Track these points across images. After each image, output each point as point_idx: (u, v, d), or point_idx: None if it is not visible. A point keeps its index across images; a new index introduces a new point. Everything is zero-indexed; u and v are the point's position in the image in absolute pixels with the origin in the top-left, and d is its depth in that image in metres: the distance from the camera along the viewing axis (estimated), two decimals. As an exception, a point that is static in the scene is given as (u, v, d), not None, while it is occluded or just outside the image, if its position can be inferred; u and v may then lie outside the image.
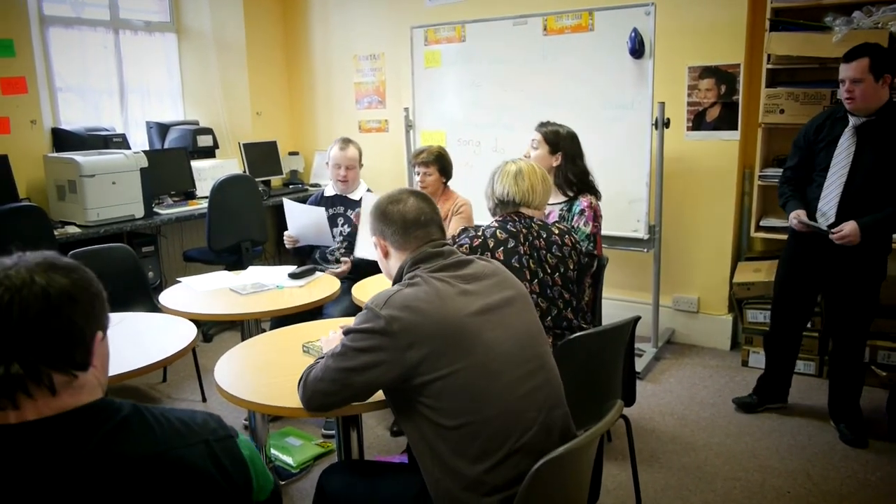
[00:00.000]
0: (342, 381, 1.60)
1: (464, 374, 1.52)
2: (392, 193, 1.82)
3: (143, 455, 0.99)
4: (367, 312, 1.59)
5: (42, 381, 0.96)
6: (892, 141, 2.82)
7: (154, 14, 5.31)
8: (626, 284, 4.35)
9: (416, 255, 1.70)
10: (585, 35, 3.93)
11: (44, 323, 0.96)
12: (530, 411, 1.57)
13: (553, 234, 2.46)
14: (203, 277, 3.15)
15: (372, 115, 5.41)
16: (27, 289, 0.96)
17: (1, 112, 4.14)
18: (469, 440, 1.52)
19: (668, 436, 3.15)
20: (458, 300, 1.59)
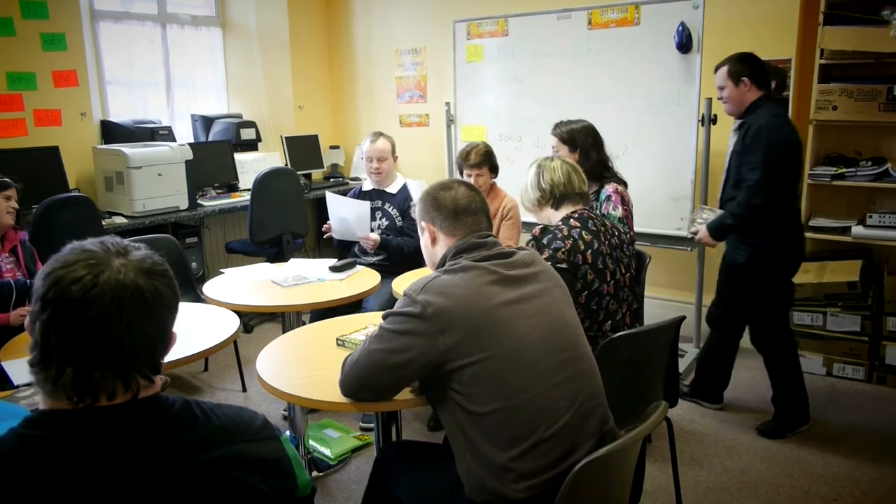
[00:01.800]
0: (377, 363, 1.63)
1: (494, 362, 1.53)
2: (442, 181, 1.85)
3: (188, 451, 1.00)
4: (404, 298, 1.62)
5: (130, 386, 0.99)
6: (743, 140, 2.94)
7: (200, 8, 5.40)
8: (668, 283, 4.28)
9: (461, 244, 1.71)
10: (631, 29, 3.87)
11: (144, 330, 0.99)
12: (562, 401, 1.57)
13: (621, 233, 2.43)
14: (245, 269, 3.19)
15: (413, 109, 5.41)
16: (136, 293, 0.97)
17: (53, 105, 4.25)
18: (499, 427, 1.53)
19: (709, 438, 3.09)
20: (493, 288, 1.60)
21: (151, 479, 0.96)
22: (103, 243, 1.02)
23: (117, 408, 0.98)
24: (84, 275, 0.95)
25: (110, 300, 0.94)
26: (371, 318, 2.44)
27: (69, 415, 0.96)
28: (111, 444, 0.95)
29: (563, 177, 2.40)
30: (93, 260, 0.97)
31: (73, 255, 0.98)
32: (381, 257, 3.54)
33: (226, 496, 1.01)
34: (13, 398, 1.82)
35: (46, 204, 3.48)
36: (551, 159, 2.49)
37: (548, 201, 2.44)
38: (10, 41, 4.02)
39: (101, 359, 0.95)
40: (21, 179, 3.85)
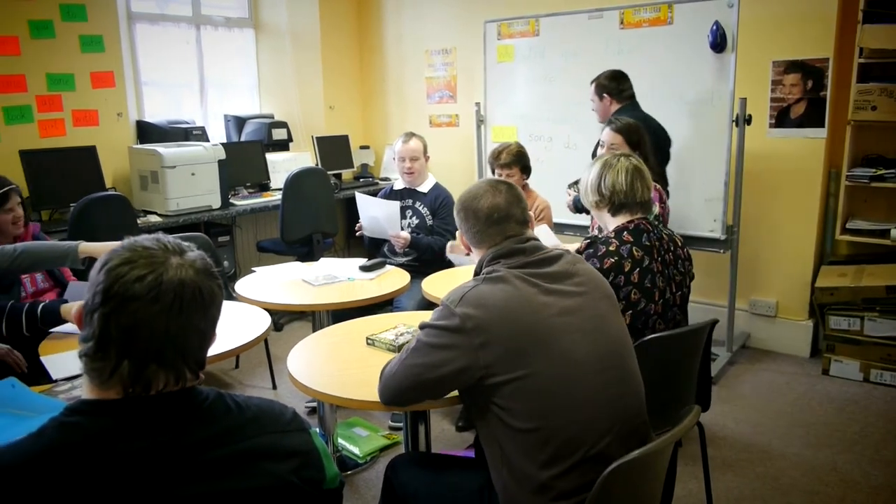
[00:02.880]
0: (415, 377, 1.59)
1: (538, 378, 1.48)
2: (471, 188, 1.80)
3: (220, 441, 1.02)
4: (442, 309, 1.57)
5: (180, 380, 1.02)
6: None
7: (234, 10, 5.46)
8: (699, 286, 4.16)
9: (498, 250, 1.67)
10: (663, 29, 3.83)
11: (198, 327, 1.03)
12: (606, 421, 1.52)
13: (678, 247, 2.30)
14: (277, 268, 3.22)
15: (442, 109, 5.42)
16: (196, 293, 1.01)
17: (90, 105, 4.34)
18: (540, 445, 1.48)
19: (741, 444, 3.04)
20: (538, 301, 1.55)
21: (184, 468, 0.98)
22: (159, 241, 1.05)
23: (154, 398, 1.01)
24: (147, 273, 0.99)
25: (172, 299, 0.99)
26: (401, 318, 2.44)
27: (108, 404, 1.00)
28: (147, 433, 0.98)
29: (626, 184, 2.21)
30: (153, 258, 1.01)
31: (133, 253, 1.01)
32: (410, 257, 3.56)
33: (255, 486, 1.03)
34: (52, 392, 1.85)
35: (84, 202, 3.55)
36: (618, 159, 2.29)
37: (606, 206, 2.27)
38: (50, 43, 4.11)
39: (158, 354, 0.99)
40: (59, 178, 3.97)
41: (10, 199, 2.62)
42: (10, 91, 3.97)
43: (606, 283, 1.73)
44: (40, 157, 3.96)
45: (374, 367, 2.00)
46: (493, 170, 3.40)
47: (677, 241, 2.32)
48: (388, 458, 2.92)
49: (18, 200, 2.67)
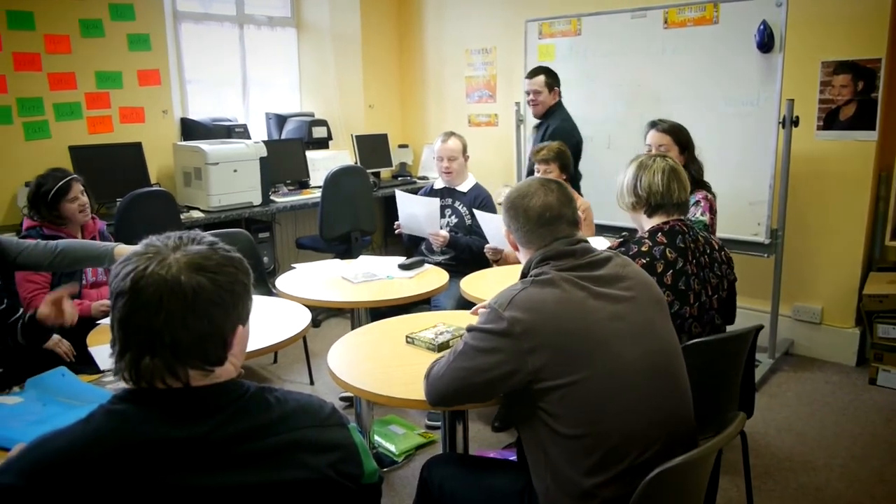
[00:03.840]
0: (462, 381, 1.57)
1: (586, 385, 1.45)
2: (521, 186, 1.76)
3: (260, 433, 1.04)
4: (490, 312, 1.54)
5: (178, 375, 1.02)
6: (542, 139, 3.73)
7: (276, 9, 5.53)
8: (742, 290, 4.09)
9: (546, 252, 1.63)
10: (709, 28, 3.77)
11: (185, 324, 1.01)
12: (654, 429, 1.49)
13: (715, 250, 2.25)
14: (317, 265, 3.25)
15: (482, 109, 5.41)
16: (175, 288, 1.00)
17: (137, 102, 4.43)
18: (586, 451, 1.46)
19: (784, 452, 2.97)
20: (587, 305, 1.52)
21: (223, 458, 1.00)
22: (168, 237, 1.06)
23: (197, 389, 1.03)
24: (135, 268, 1.01)
25: (151, 293, 0.99)
26: (440, 317, 2.44)
27: (152, 393, 1.02)
28: (190, 423, 1.00)
29: (662, 185, 2.18)
30: (149, 254, 1.02)
31: (140, 249, 1.04)
32: (447, 256, 3.56)
33: (293, 479, 1.04)
34: (99, 382, 1.90)
35: (130, 198, 3.63)
36: (654, 159, 2.25)
37: (642, 208, 2.23)
38: (99, 42, 4.21)
39: (149, 347, 1.00)
40: (106, 173, 4.06)
41: (72, 189, 2.75)
42: (61, 88, 4.08)
43: (656, 287, 1.69)
44: (88, 153, 4.06)
45: (413, 365, 2.01)
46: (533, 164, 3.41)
47: (714, 244, 2.28)
48: (423, 457, 2.95)
49: (81, 189, 2.82)
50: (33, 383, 1.83)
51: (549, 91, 3.89)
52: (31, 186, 2.84)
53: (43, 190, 2.73)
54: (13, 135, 3.91)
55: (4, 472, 0.96)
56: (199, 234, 1.09)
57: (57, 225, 2.79)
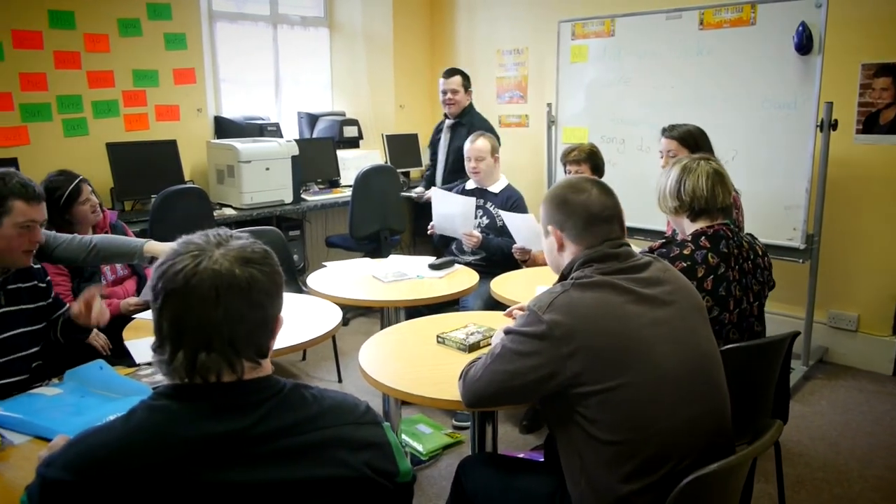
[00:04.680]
0: (499, 383, 1.55)
1: (626, 391, 1.42)
2: (572, 181, 1.70)
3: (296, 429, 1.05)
4: (529, 314, 1.51)
5: (235, 369, 1.04)
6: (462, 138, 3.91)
7: (310, 9, 5.57)
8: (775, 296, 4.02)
9: (591, 254, 1.58)
10: (746, 29, 3.71)
11: (242, 316, 1.03)
12: (693, 436, 1.46)
13: (758, 255, 2.20)
14: (347, 263, 3.26)
15: (512, 109, 5.40)
16: (232, 281, 1.02)
17: (172, 100, 4.50)
18: (623, 458, 1.43)
19: (818, 462, 2.92)
20: (629, 309, 1.48)
21: (261, 453, 1.01)
22: (207, 235, 1.08)
23: (235, 385, 1.04)
24: (185, 265, 1.01)
25: (208, 288, 1.00)
26: (470, 318, 2.44)
27: (192, 388, 1.03)
28: (228, 418, 1.01)
29: (706, 189, 2.12)
30: (195, 251, 1.03)
31: (181, 248, 1.05)
32: (478, 257, 3.55)
33: (329, 475, 1.05)
34: (135, 375, 1.93)
35: (164, 194, 3.68)
36: (698, 163, 2.18)
37: (685, 212, 2.17)
38: (136, 41, 4.28)
39: (205, 343, 1.01)
40: (142, 170, 4.13)
41: (82, 191, 2.72)
42: (99, 86, 4.15)
43: (696, 292, 1.65)
44: (125, 150, 4.13)
45: (444, 365, 2.01)
46: (564, 167, 3.38)
47: (758, 250, 2.23)
48: (450, 457, 2.96)
49: (90, 189, 2.78)
50: (72, 375, 1.87)
51: (465, 91, 4.19)
52: None
53: (56, 196, 2.65)
54: (53, 131, 4.00)
55: (50, 465, 0.98)
56: (229, 230, 1.11)
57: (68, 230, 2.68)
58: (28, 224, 1.95)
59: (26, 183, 1.96)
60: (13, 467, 1.48)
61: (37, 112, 3.93)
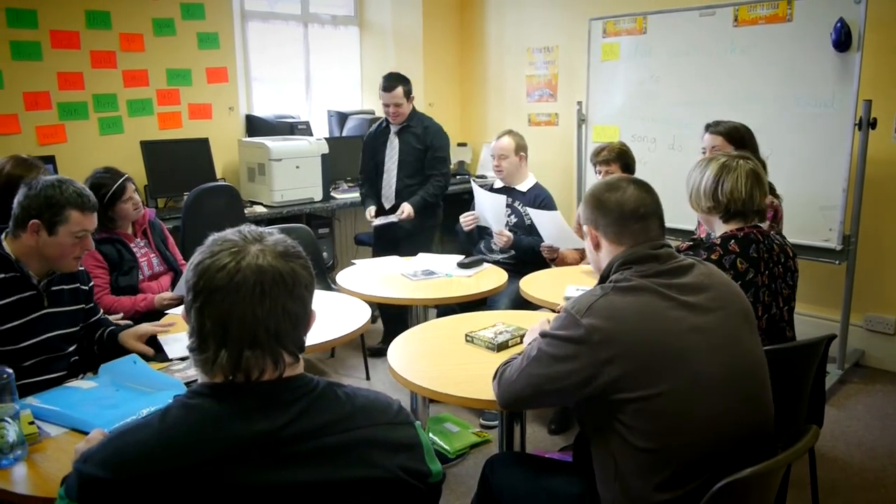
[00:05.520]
0: (535, 387, 1.53)
1: (665, 399, 1.39)
2: (609, 180, 1.67)
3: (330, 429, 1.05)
4: (566, 317, 1.47)
5: (278, 364, 1.04)
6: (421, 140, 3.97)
7: (340, 8, 5.60)
8: (810, 298, 3.99)
9: (630, 255, 1.54)
10: (782, 26, 3.64)
11: (286, 309, 1.03)
12: (733, 448, 1.42)
13: (789, 258, 2.14)
14: (376, 261, 3.28)
15: (542, 108, 5.37)
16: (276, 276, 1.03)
17: (205, 99, 4.55)
18: (659, 466, 1.40)
19: (853, 468, 2.86)
20: (670, 315, 1.44)
21: (296, 453, 1.01)
22: (240, 232, 1.08)
23: (271, 383, 1.04)
24: (228, 262, 1.01)
25: (253, 284, 1.00)
26: (499, 317, 2.43)
27: (228, 387, 1.04)
28: (263, 417, 1.01)
29: (744, 192, 2.07)
30: (234, 248, 1.03)
31: (216, 246, 1.05)
32: (507, 255, 3.54)
33: (364, 477, 1.05)
34: (168, 370, 1.96)
35: (197, 192, 3.74)
36: (737, 161, 2.12)
37: (718, 213, 2.12)
38: (170, 40, 4.34)
39: (251, 340, 1.01)
40: (175, 168, 4.19)
41: (126, 189, 2.76)
42: (134, 85, 4.22)
43: (743, 297, 1.59)
44: (158, 148, 4.20)
45: (472, 364, 2.01)
46: (594, 167, 3.34)
47: (789, 252, 2.17)
48: (477, 456, 2.95)
49: (134, 188, 2.82)
50: (106, 369, 1.90)
51: (408, 100, 3.97)
52: None
53: (101, 193, 2.63)
54: (89, 129, 4.07)
55: (87, 461, 0.99)
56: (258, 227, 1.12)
57: (110, 227, 2.76)
58: (81, 233, 1.98)
59: (82, 192, 1.98)
60: (49, 459, 1.51)
61: (74, 111, 4.01)
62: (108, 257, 2.72)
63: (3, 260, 1.93)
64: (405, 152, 3.98)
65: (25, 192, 1.93)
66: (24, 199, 1.93)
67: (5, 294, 1.92)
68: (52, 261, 1.98)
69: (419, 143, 3.96)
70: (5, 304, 1.92)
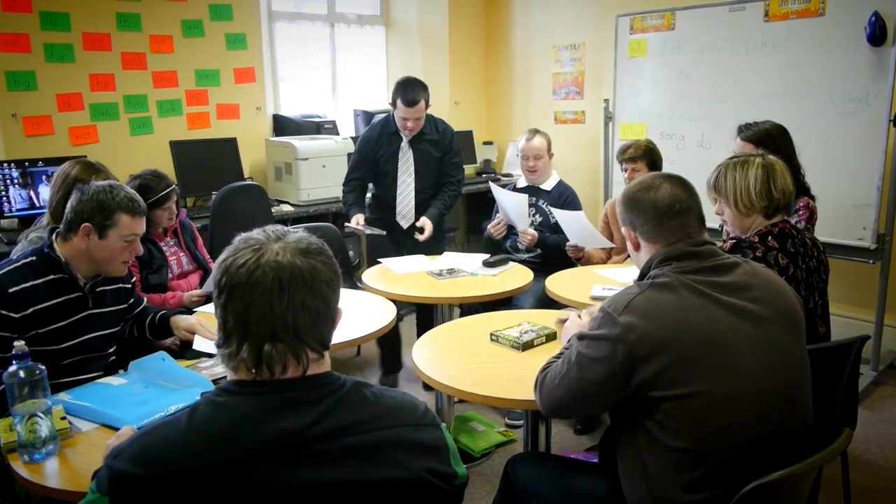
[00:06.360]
0: (577, 391, 1.50)
1: (700, 398, 1.36)
2: (644, 179, 1.65)
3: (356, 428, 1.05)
4: (603, 316, 1.46)
5: (301, 360, 1.05)
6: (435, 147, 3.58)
7: (366, 8, 5.62)
8: (843, 298, 3.91)
9: (669, 252, 1.52)
10: (814, 20, 3.58)
11: (305, 305, 1.04)
12: (767, 451, 1.39)
13: (821, 253, 2.12)
14: (402, 260, 3.28)
15: (568, 106, 5.33)
16: (294, 272, 1.04)
17: (232, 99, 4.60)
18: (689, 466, 1.38)
19: (889, 472, 2.80)
20: (708, 314, 1.42)
21: (322, 451, 1.02)
22: (265, 231, 1.10)
23: (297, 381, 1.05)
24: (248, 259, 1.03)
25: (271, 280, 1.02)
26: (525, 316, 2.42)
27: (255, 384, 1.05)
28: (290, 415, 1.02)
29: (791, 186, 2.07)
30: (256, 246, 1.05)
31: (241, 244, 1.07)
32: (532, 254, 3.52)
33: (389, 478, 1.04)
34: (196, 368, 1.98)
35: (225, 191, 3.77)
36: (768, 158, 2.11)
37: (762, 211, 2.09)
38: (199, 41, 4.39)
39: (270, 334, 1.03)
40: (204, 167, 4.24)
41: (169, 199, 2.79)
42: (163, 86, 4.28)
43: (791, 297, 1.54)
44: (187, 148, 4.25)
45: (497, 363, 2.01)
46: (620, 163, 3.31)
47: (820, 247, 2.16)
48: (501, 455, 2.94)
49: (175, 199, 2.85)
50: (136, 366, 1.93)
51: (426, 106, 3.49)
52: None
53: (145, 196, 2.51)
54: (120, 130, 4.14)
55: (117, 457, 1.01)
56: (284, 227, 1.13)
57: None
58: (131, 237, 2.02)
59: (133, 197, 2.02)
60: (80, 453, 1.54)
61: (105, 111, 4.08)
62: (138, 256, 2.75)
63: (53, 262, 1.96)
64: (422, 163, 3.55)
65: (78, 197, 1.97)
66: (76, 203, 1.96)
67: (53, 295, 1.95)
68: (100, 264, 2.02)
69: (437, 149, 3.57)
70: (53, 304, 1.95)
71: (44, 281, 1.94)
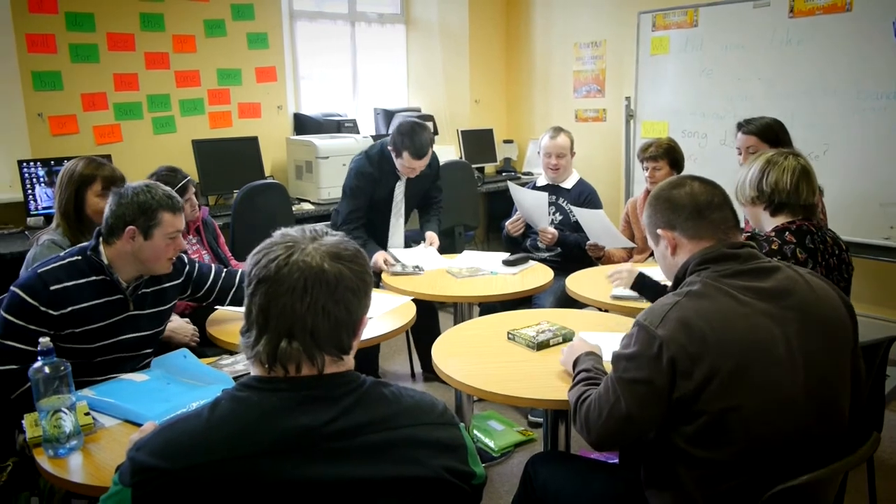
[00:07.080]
0: (626, 420, 1.42)
1: (739, 413, 1.33)
2: (671, 180, 1.60)
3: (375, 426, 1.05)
4: (639, 331, 1.40)
5: (315, 361, 1.05)
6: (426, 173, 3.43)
7: (387, 6, 5.63)
8: (869, 298, 3.85)
9: (707, 254, 1.45)
10: (840, 16, 3.52)
11: (326, 310, 1.04)
12: (802, 464, 1.35)
13: (843, 251, 2.10)
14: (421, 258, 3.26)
15: (589, 104, 5.30)
16: (320, 275, 1.04)
17: (254, 98, 4.63)
18: (719, 478, 1.36)
19: (915, 475, 2.75)
20: (749, 323, 1.36)
21: (340, 448, 1.02)
22: (303, 230, 1.10)
23: (318, 378, 1.06)
24: (278, 255, 1.04)
25: (296, 279, 1.02)
26: (544, 315, 2.41)
27: (275, 381, 1.05)
28: (309, 412, 1.03)
29: (789, 183, 2.04)
30: (290, 243, 1.06)
31: (277, 238, 1.08)
32: (552, 253, 3.51)
33: (404, 475, 1.05)
34: (217, 365, 1.99)
35: (246, 189, 3.80)
36: (785, 157, 2.10)
37: (763, 204, 2.10)
38: (221, 41, 4.42)
39: (287, 332, 1.03)
40: (225, 166, 4.27)
41: (187, 191, 2.80)
42: (186, 86, 4.32)
43: (833, 302, 1.47)
44: (209, 147, 4.28)
45: (516, 362, 2.00)
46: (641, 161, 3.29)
47: (842, 245, 2.14)
48: (521, 454, 2.93)
49: (194, 190, 2.88)
50: (158, 363, 1.95)
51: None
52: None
53: None
54: (143, 129, 4.18)
55: (139, 450, 1.02)
56: (324, 227, 1.13)
57: None
58: (174, 234, 2.03)
59: (171, 194, 2.04)
60: (103, 449, 1.55)
61: (129, 111, 4.12)
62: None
63: (97, 265, 1.98)
64: (413, 197, 3.53)
65: (118, 201, 1.97)
66: (116, 207, 1.97)
67: (95, 296, 1.97)
68: (147, 263, 2.02)
69: (427, 180, 3.56)
70: (93, 305, 1.97)
71: (86, 281, 1.96)
